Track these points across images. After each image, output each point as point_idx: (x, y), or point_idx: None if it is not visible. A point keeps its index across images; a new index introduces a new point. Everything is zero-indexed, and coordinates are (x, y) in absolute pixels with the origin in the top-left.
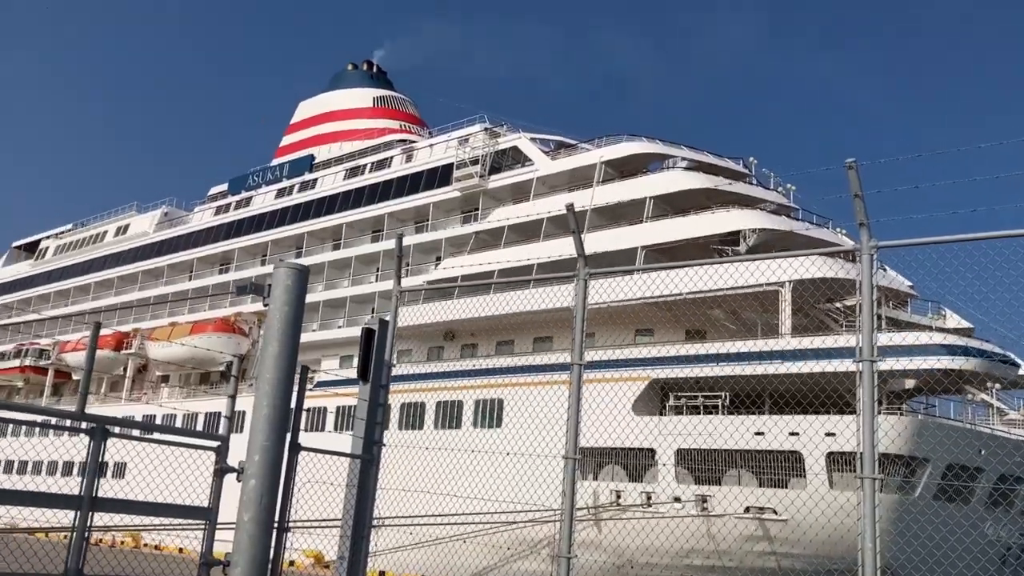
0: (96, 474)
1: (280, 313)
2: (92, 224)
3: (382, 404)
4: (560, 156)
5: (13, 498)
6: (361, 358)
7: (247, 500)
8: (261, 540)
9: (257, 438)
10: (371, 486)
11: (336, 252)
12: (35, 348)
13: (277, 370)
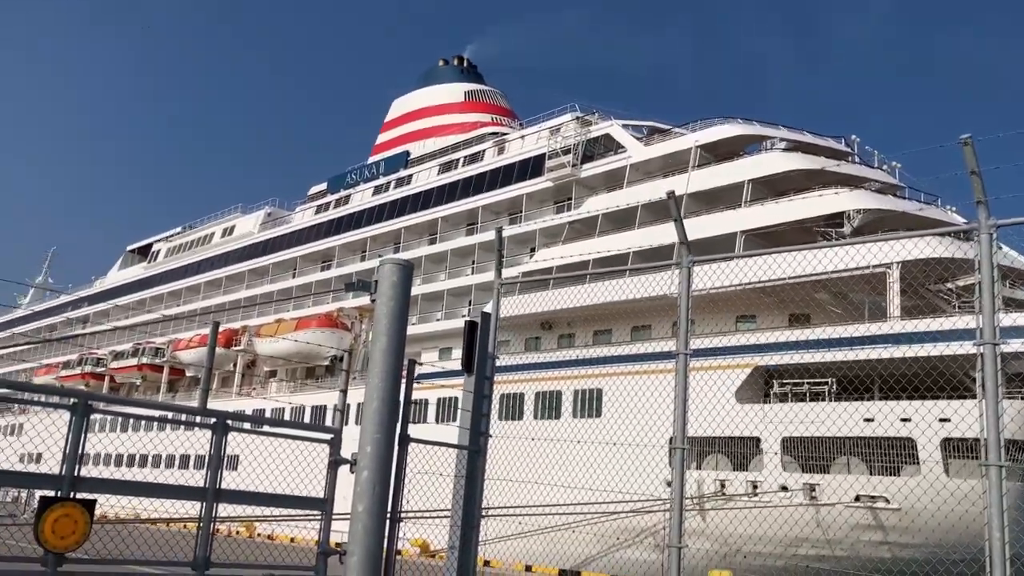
0: (220, 466)
1: (387, 308)
2: (200, 226)
3: (487, 395)
4: (653, 142)
5: (145, 490)
6: (465, 350)
7: (361, 491)
8: (375, 530)
9: (368, 430)
10: (479, 476)
11: (432, 246)
12: (151, 347)
13: (386, 364)
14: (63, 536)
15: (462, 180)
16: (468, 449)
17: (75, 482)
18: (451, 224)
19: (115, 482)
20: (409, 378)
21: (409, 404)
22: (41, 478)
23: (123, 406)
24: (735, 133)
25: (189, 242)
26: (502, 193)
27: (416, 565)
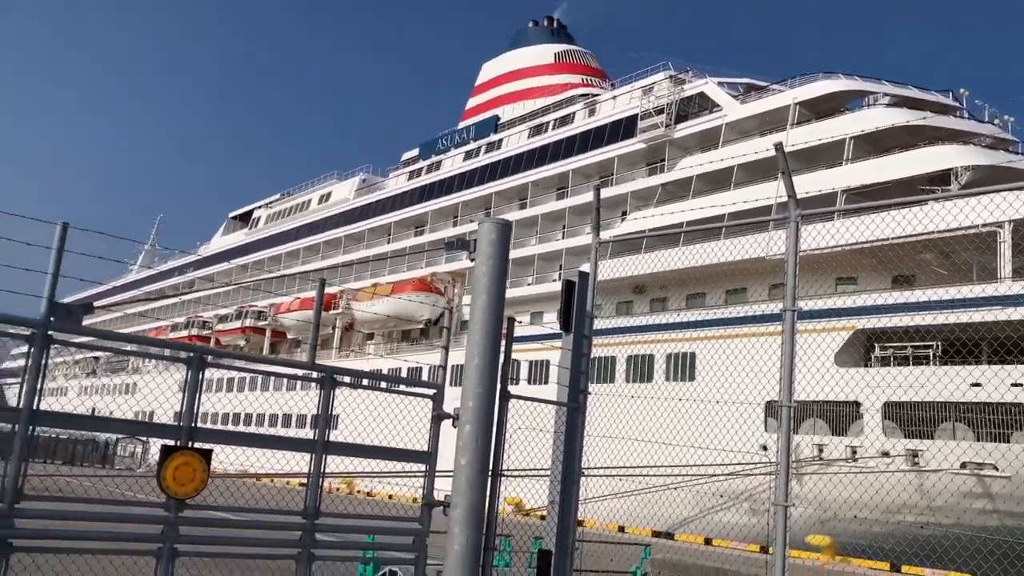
0: (327, 420)
1: (486, 267)
2: (298, 193)
3: (585, 354)
4: (750, 99)
5: (258, 441)
6: (563, 310)
7: (463, 445)
8: (478, 482)
9: (470, 386)
10: (579, 433)
11: (523, 211)
12: (253, 310)
13: (486, 322)
14: (183, 483)
15: (552, 143)
16: (568, 406)
17: (192, 432)
18: (541, 188)
19: (229, 433)
20: (508, 336)
21: (509, 361)
22: (162, 428)
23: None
24: (836, 88)
25: (288, 208)
26: (593, 156)
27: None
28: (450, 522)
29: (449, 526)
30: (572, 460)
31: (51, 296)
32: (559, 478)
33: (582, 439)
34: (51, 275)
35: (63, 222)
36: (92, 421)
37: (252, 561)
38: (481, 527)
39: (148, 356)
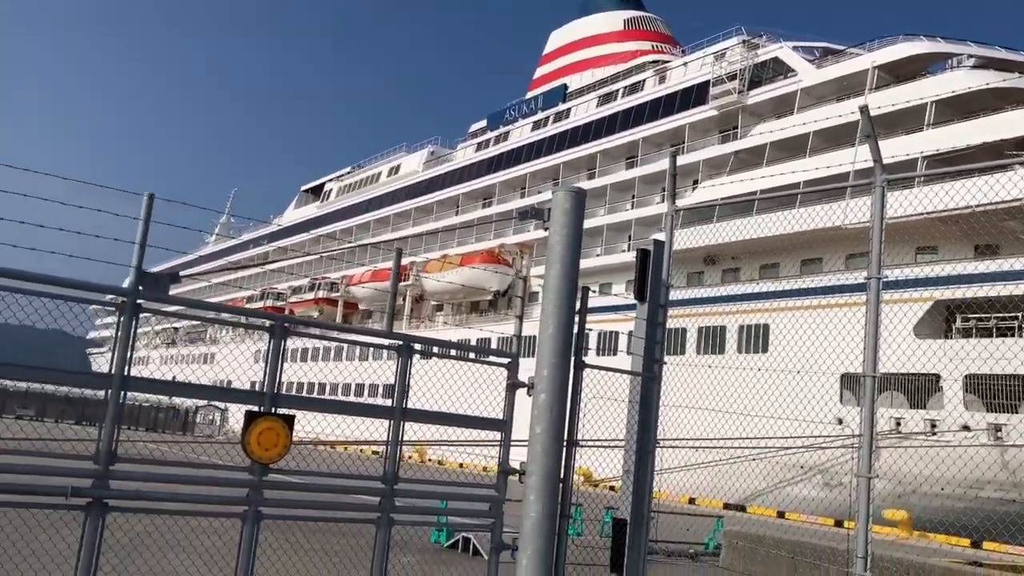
0: (405, 386)
1: (560, 236)
2: (368, 166)
3: (661, 323)
4: (826, 64)
5: (339, 407)
6: (637, 279)
7: (538, 413)
8: (553, 450)
9: (544, 355)
10: (654, 402)
11: (591, 181)
12: (326, 282)
13: (560, 290)
14: (267, 448)
15: (621, 112)
16: (643, 376)
17: (275, 398)
18: (610, 158)
19: (311, 399)
20: (583, 305)
21: (583, 331)
22: (247, 395)
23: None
24: (917, 51)
25: (358, 181)
26: (663, 124)
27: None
28: (526, 489)
29: (525, 493)
30: (647, 430)
31: (139, 265)
32: (634, 448)
33: (657, 409)
34: (138, 245)
35: (149, 193)
36: (181, 387)
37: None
38: (556, 495)
39: (232, 324)
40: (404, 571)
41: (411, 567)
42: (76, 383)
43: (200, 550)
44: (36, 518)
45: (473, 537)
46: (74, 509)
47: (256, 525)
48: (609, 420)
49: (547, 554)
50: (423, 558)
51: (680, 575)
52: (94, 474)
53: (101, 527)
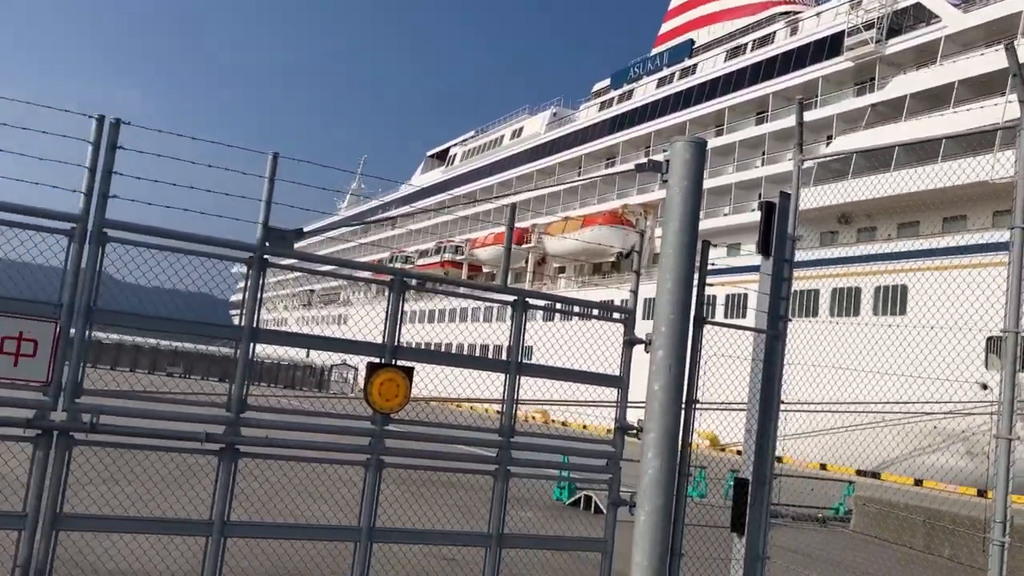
0: (520, 343)
1: (679, 188)
2: (491, 130)
3: (786, 279)
4: (974, 7)
5: (456, 360)
6: (762, 233)
7: (656, 370)
8: (671, 408)
9: (662, 310)
10: (778, 362)
11: (719, 138)
12: (451, 245)
13: (679, 244)
14: (388, 398)
15: (751, 66)
16: (767, 333)
17: (395, 350)
18: (739, 114)
19: (430, 352)
20: (703, 260)
21: (703, 286)
22: (368, 347)
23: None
24: None
25: (481, 145)
26: (795, 77)
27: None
28: (643, 446)
29: (642, 450)
30: (771, 389)
31: (266, 222)
32: (757, 407)
33: (782, 367)
34: (264, 203)
35: (273, 152)
36: (305, 339)
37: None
38: (675, 453)
39: (354, 279)
40: (524, 525)
41: (531, 522)
42: (210, 334)
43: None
44: (187, 462)
45: (594, 495)
46: (208, 454)
47: (378, 473)
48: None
49: (666, 511)
50: (544, 514)
51: (808, 539)
52: (226, 421)
53: (234, 472)
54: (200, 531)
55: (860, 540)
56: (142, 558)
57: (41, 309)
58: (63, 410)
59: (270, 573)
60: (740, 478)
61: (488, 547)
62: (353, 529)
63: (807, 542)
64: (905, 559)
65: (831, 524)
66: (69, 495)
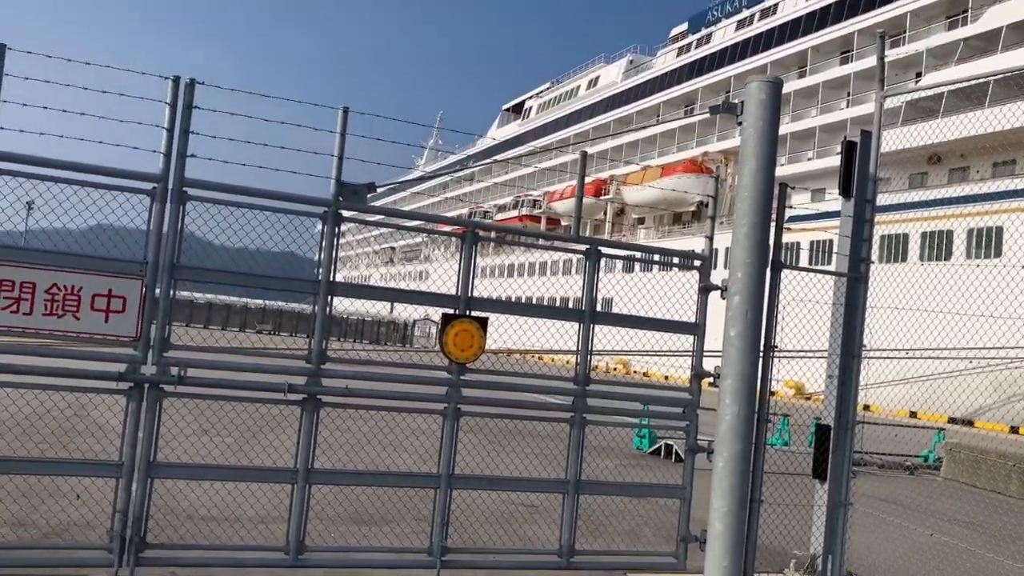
0: (593, 291)
1: (754, 129)
2: (566, 80)
3: (868, 220)
4: None
5: (528, 310)
6: (843, 173)
7: (732, 316)
8: (748, 354)
9: (738, 255)
10: (860, 304)
11: (801, 80)
12: (528, 199)
13: (755, 187)
14: (463, 348)
15: (835, 3)
16: (848, 276)
17: (469, 301)
18: (822, 54)
19: (503, 302)
20: (781, 201)
21: (781, 229)
22: (442, 298)
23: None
24: None
25: (557, 96)
26: (882, 13)
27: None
28: (720, 393)
29: (720, 396)
30: (852, 333)
31: (338, 177)
32: (838, 351)
33: (863, 311)
34: (336, 158)
35: (344, 107)
36: (379, 291)
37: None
38: (753, 399)
39: (426, 232)
40: (604, 474)
41: (611, 470)
42: (289, 288)
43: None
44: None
45: (675, 443)
46: (292, 404)
47: (455, 421)
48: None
49: (744, 457)
50: (624, 462)
51: (895, 487)
52: (308, 372)
53: (316, 420)
54: (286, 478)
55: (950, 488)
56: (232, 504)
57: (127, 267)
58: (152, 364)
59: (355, 519)
60: (822, 424)
61: (566, 493)
62: (432, 476)
63: (894, 490)
64: (997, 506)
65: (920, 472)
66: (162, 445)
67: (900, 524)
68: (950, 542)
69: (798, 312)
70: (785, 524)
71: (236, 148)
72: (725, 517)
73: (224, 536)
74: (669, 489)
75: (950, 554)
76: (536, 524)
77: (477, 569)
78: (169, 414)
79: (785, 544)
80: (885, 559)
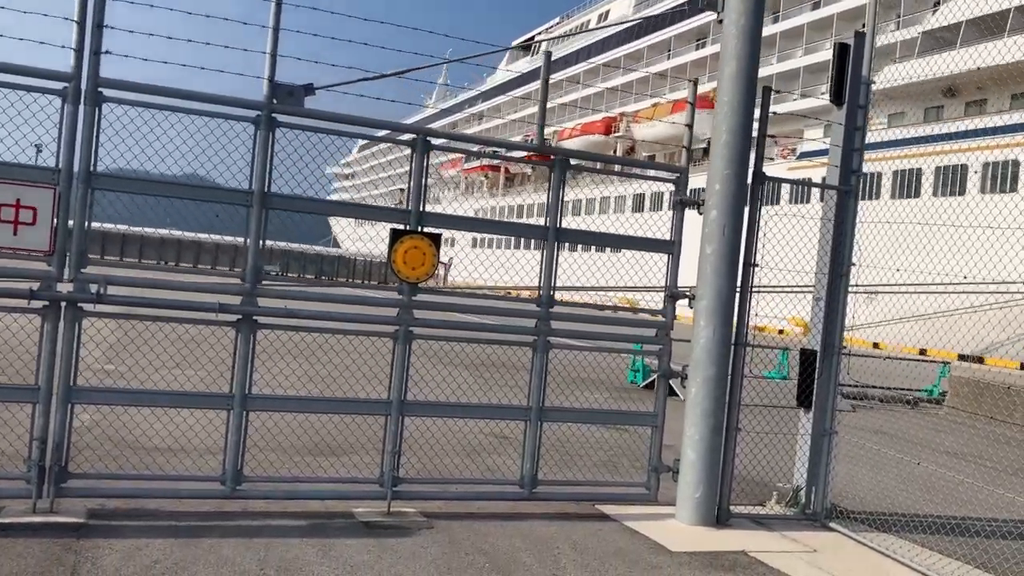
0: (559, 205)
1: (736, 27)
2: (577, 14)
3: (860, 127)
4: None
5: (488, 227)
6: (834, 78)
7: (708, 232)
8: (725, 272)
9: (717, 166)
10: (849, 221)
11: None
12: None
13: (735, 92)
14: (414, 267)
15: None
16: (837, 189)
17: (421, 216)
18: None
19: (458, 217)
20: (764, 107)
21: (764, 138)
22: (390, 212)
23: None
24: None
25: (567, 32)
26: None
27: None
28: (695, 314)
29: (694, 319)
30: (841, 249)
31: (271, 77)
32: (825, 271)
33: (853, 227)
34: (269, 55)
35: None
36: (324, 204)
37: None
38: (730, 320)
39: (371, 139)
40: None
41: (601, 403)
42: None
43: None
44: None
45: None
46: (225, 325)
47: (407, 345)
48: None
49: (719, 382)
50: (615, 396)
51: (894, 420)
52: (242, 291)
53: (253, 343)
54: (221, 404)
55: (952, 422)
56: (177, 435)
57: (39, 175)
58: (68, 280)
59: (311, 450)
60: (806, 349)
61: (528, 420)
62: (383, 402)
63: (892, 423)
64: (999, 439)
65: (923, 407)
66: (83, 368)
67: (893, 456)
68: (945, 473)
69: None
70: (769, 456)
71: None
72: (698, 445)
73: (167, 467)
74: (640, 416)
75: (946, 486)
76: (506, 455)
77: (435, 500)
78: (90, 334)
79: (768, 476)
80: (873, 491)
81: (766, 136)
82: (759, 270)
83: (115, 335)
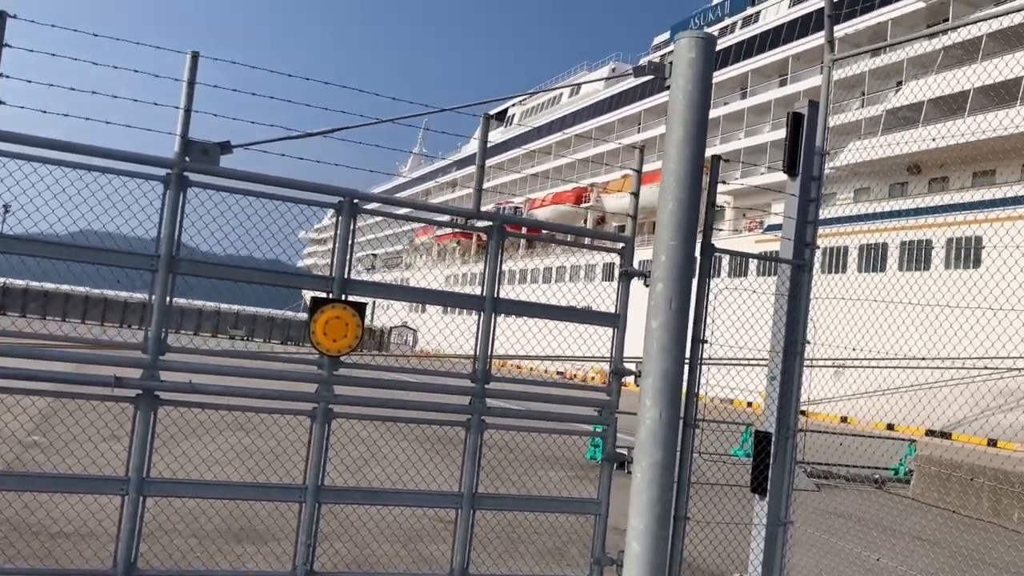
0: (497, 274)
1: (683, 93)
2: (549, 88)
3: (814, 199)
4: None
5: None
6: (788, 149)
7: (655, 305)
8: (672, 349)
9: (663, 236)
10: (803, 297)
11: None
12: (509, 207)
13: (681, 159)
14: (335, 338)
15: (815, 12)
16: (791, 263)
17: (345, 283)
18: (803, 62)
19: (386, 285)
20: (713, 176)
21: (712, 208)
22: (313, 280)
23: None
24: None
25: (540, 104)
26: (863, 20)
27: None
28: (641, 394)
29: (640, 397)
30: (795, 327)
31: (184, 134)
32: (780, 350)
33: (807, 303)
34: (183, 110)
35: (193, 52)
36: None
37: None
38: (677, 400)
39: (296, 201)
40: (549, 486)
41: (557, 482)
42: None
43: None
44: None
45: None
46: (123, 401)
47: (327, 424)
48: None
49: (666, 467)
50: (573, 474)
51: (860, 503)
52: (142, 364)
53: (153, 421)
54: (114, 489)
55: (922, 505)
56: (69, 513)
57: None
58: None
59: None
60: (760, 431)
61: (459, 508)
62: (296, 488)
63: (858, 506)
64: (967, 524)
65: (890, 486)
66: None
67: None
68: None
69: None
70: (724, 542)
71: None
72: (643, 536)
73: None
74: (582, 504)
75: None
76: (446, 542)
77: None
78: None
79: (723, 566)
80: None
81: (714, 206)
82: (723, 339)
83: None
